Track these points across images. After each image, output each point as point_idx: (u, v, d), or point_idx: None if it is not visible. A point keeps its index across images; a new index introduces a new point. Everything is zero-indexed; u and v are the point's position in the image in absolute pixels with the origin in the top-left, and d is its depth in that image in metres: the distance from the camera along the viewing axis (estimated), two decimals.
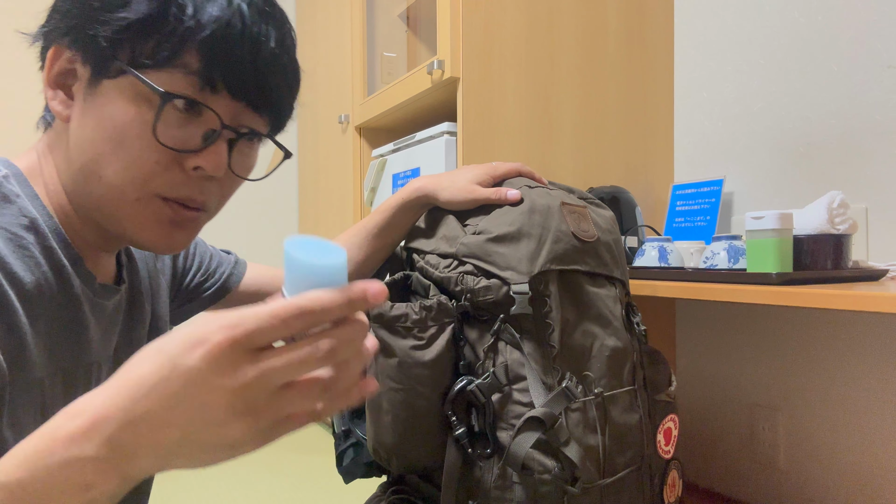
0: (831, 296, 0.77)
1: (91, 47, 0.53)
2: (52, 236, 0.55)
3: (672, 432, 0.87)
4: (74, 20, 0.53)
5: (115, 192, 0.54)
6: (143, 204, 0.55)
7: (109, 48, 0.52)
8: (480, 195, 0.79)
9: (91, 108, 0.53)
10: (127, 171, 0.53)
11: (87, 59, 0.53)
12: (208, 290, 0.84)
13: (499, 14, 1.43)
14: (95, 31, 0.52)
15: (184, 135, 0.54)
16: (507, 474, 0.70)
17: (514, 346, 0.72)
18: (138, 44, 0.52)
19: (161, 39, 0.52)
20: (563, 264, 0.75)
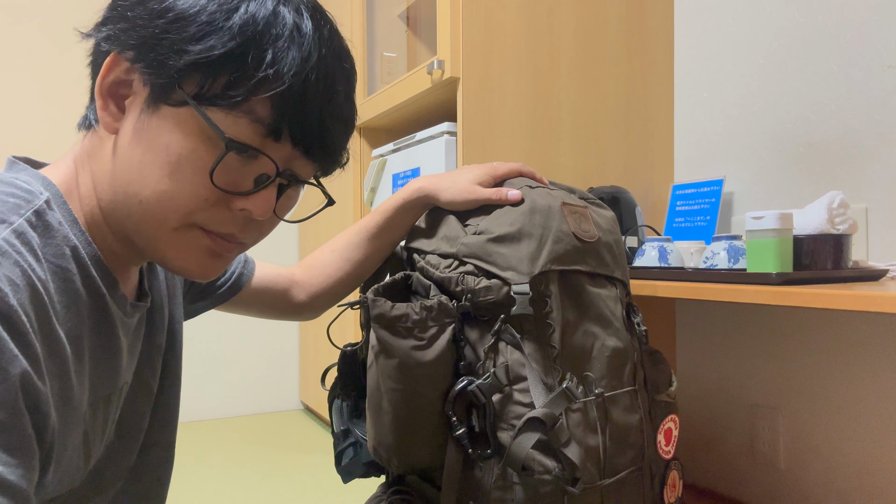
0: (831, 296, 0.77)
1: (158, 70, 0.51)
2: (91, 264, 0.54)
3: (672, 432, 0.87)
4: (145, 37, 0.50)
5: (155, 217, 0.53)
6: (181, 233, 0.54)
7: (178, 77, 0.50)
8: (481, 195, 0.79)
9: (146, 129, 0.52)
10: (172, 200, 0.52)
11: (149, 79, 0.51)
12: (221, 289, 0.84)
13: (499, 14, 1.43)
14: (167, 56, 0.50)
15: (237, 177, 0.53)
16: (508, 475, 0.70)
17: (515, 347, 0.72)
18: (209, 80, 0.51)
19: (234, 83, 0.51)
20: (563, 265, 0.75)
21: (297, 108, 0.53)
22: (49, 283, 0.48)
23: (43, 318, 0.46)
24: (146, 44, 0.51)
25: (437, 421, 0.73)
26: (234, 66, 0.50)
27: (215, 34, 0.50)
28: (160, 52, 0.50)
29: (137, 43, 0.51)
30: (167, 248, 0.55)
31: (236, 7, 0.51)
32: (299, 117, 0.53)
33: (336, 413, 0.91)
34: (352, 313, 2.04)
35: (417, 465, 0.76)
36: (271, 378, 2.89)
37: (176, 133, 0.51)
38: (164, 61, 0.50)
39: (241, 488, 1.97)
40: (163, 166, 0.51)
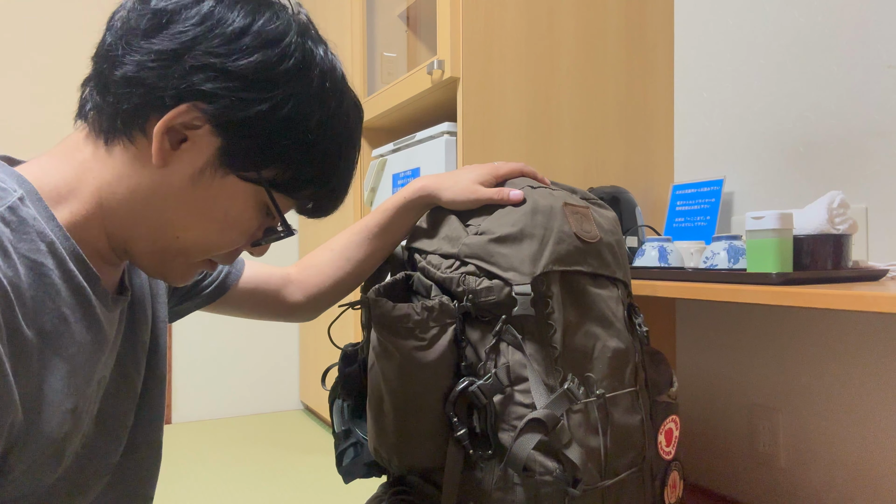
0: (831, 296, 0.78)
1: (240, 150, 0.56)
2: (70, 259, 0.54)
3: (673, 433, 0.87)
4: (239, 120, 0.55)
5: (184, 253, 0.60)
6: (195, 265, 0.62)
7: (260, 165, 0.57)
8: (483, 195, 0.79)
9: (209, 186, 0.57)
10: (209, 247, 0.60)
11: (225, 149, 0.56)
12: (207, 289, 0.83)
13: (499, 14, 1.43)
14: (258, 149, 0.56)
15: (260, 230, 0.63)
16: (509, 476, 0.70)
17: (516, 348, 0.72)
18: (284, 174, 0.59)
19: (302, 183, 0.60)
20: (565, 265, 0.75)
21: (337, 200, 0.64)
22: (20, 279, 0.49)
23: (8, 316, 0.47)
24: (239, 129, 0.55)
25: (437, 421, 0.73)
26: (314, 173, 0.60)
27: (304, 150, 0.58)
28: (253, 142, 0.56)
29: (229, 120, 0.55)
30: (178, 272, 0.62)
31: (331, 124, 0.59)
32: (334, 205, 0.65)
33: (337, 413, 0.91)
34: (352, 313, 2.04)
35: (418, 465, 0.76)
36: (271, 378, 2.89)
37: (238, 202, 0.58)
38: (253, 151, 0.56)
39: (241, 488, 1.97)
40: (216, 223, 0.59)
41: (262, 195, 0.59)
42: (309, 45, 0.58)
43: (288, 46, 0.56)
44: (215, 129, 0.55)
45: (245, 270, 0.88)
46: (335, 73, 0.60)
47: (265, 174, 0.58)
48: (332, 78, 0.59)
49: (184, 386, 2.72)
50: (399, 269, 0.88)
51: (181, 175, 0.56)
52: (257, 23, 0.55)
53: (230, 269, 0.85)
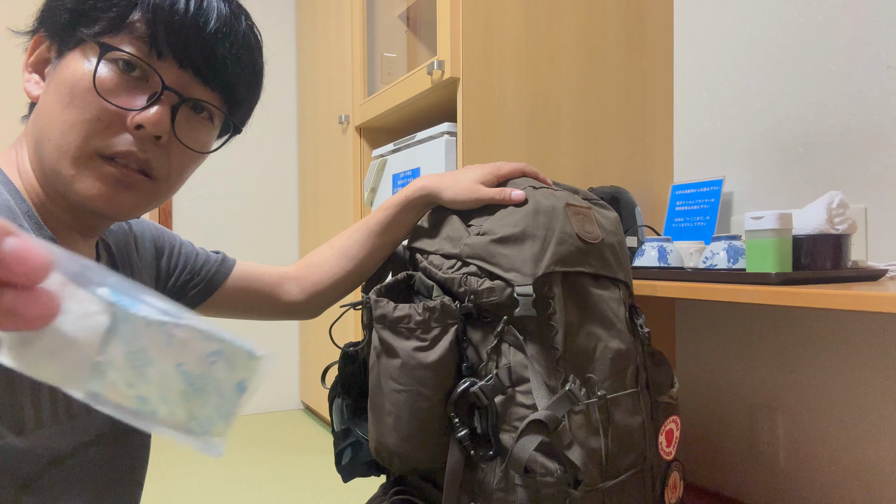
0: (831, 296, 0.78)
1: (57, 27, 0.58)
2: (24, 218, 0.57)
3: (674, 433, 0.87)
4: (44, 11, 0.60)
5: (59, 151, 0.57)
6: (83, 162, 0.57)
7: (70, 21, 0.57)
8: (484, 195, 0.79)
9: (53, 79, 0.58)
10: (72, 129, 0.56)
11: (54, 39, 0.59)
12: (194, 289, 0.83)
13: (499, 14, 1.43)
14: (58, 13, 0.58)
15: (129, 95, 0.57)
16: (510, 477, 0.70)
17: (518, 348, 0.72)
18: (94, 13, 0.57)
19: (112, 4, 0.57)
20: (567, 266, 0.75)
21: (169, 21, 0.57)
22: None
23: None
24: (47, 11, 0.59)
25: (438, 422, 0.73)
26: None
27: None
28: (54, 15, 0.59)
29: (44, 16, 0.60)
30: (75, 181, 0.57)
31: None
32: (173, 31, 0.57)
33: (336, 412, 0.91)
34: (353, 313, 2.04)
35: (419, 465, 0.76)
36: (271, 378, 2.89)
37: (72, 65, 0.57)
38: (58, 15, 0.58)
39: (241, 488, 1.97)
40: (62, 99, 0.56)
41: (91, 48, 0.57)
42: None
43: None
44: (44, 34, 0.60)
45: (235, 269, 0.87)
46: None
47: (82, 25, 0.57)
48: None
49: None
50: (400, 269, 0.88)
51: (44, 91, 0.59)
52: None
53: (218, 269, 0.85)
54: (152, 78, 0.58)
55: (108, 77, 0.56)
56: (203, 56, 0.59)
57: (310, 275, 0.90)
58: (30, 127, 0.60)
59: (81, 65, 0.57)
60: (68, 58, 0.58)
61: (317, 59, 2.54)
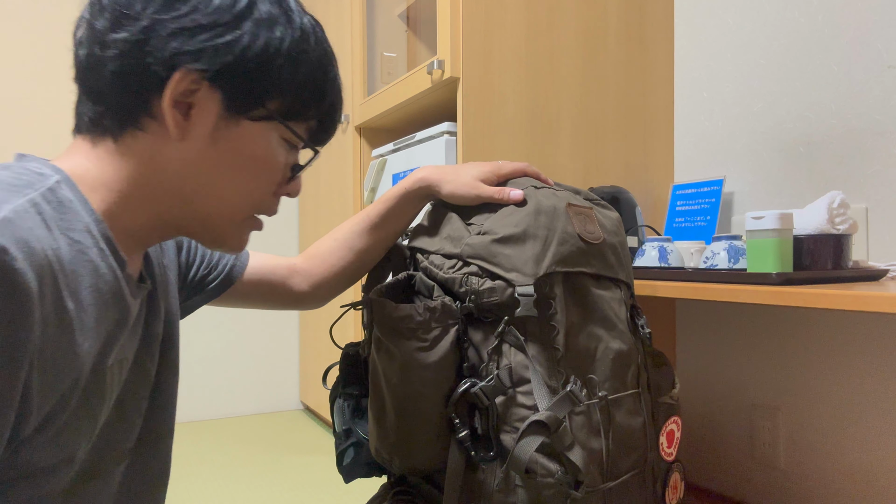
0: (831, 296, 0.78)
1: (242, 93, 0.59)
2: (102, 241, 0.57)
3: (674, 434, 0.87)
4: (229, 64, 0.57)
5: (231, 210, 0.63)
6: (246, 222, 0.65)
7: (259, 93, 0.59)
8: (484, 192, 0.79)
9: (226, 139, 0.60)
10: (251, 196, 0.63)
11: (230, 98, 0.59)
12: (213, 283, 0.84)
13: (499, 14, 1.43)
14: (254, 82, 0.59)
15: (285, 168, 0.65)
16: (511, 477, 0.70)
17: (519, 349, 0.72)
18: (288, 101, 0.62)
19: (308, 103, 0.63)
20: (568, 266, 0.75)
21: (333, 123, 0.68)
22: (62, 252, 0.51)
23: (50, 284, 0.49)
24: (231, 70, 0.58)
25: (439, 423, 0.73)
26: (310, 91, 0.63)
27: (292, 72, 0.61)
28: (247, 81, 0.59)
29: (220, 68, 0.57)
30: (231, 236, 0.65)
31: (306, 41, 0.62)
32: (333, 127, 0.68)
33: (338, 412, 0.91)
34: (353, 313, 2.04)
35: (419, 466, 0.76)
36: (271, 378, 2.89)
37: (261, 143, 0.62)
38: (250, 87, 0.59)
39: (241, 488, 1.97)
40: (248, 170, 0.62)
41: (278, 129, 0.62)
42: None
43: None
44: (211, 83, 0.58)
45: (250, 261, 0.89)
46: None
47: (271, 107, 0.61)
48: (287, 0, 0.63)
49: (184, 386, 2.72)
50: (401, 269, 0.88)
51: (201, 139, 0.59)
52: None
53: (235, 262, 0.86)
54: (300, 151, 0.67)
55: (283, 158, 0.64)
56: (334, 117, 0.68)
57: (315, 266, 0.92)
58: (132, 157, 0.59)
59: (272, 148, 0.62)
60: (252, 130, 0.61)
61: None
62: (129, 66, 0.56)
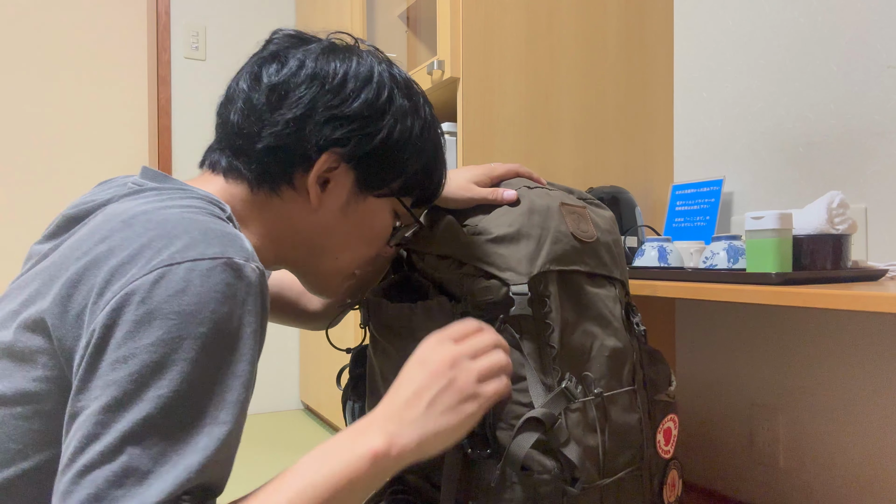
0: (831, 296, 0.78)
1: (371, 173, 0.67)
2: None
3: (672, 432, 0.87)
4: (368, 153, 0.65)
5: (343, 268, 0.71)
6: (348, 278, 0.73)
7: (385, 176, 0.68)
8: (477, 194, 0.79)
9: (354, 211, 0.68)
10: (359, 260, 0.72)
11: (360, 177, 0.67)
12: None
13: (499, 14, 1.43)
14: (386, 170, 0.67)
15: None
16: (507, 474, 0.70)
17: (514, 347, 0.72)
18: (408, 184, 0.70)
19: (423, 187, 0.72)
20: (562, 265, 0.75)
21: (439, 190, 0.76)
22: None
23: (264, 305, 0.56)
24: (369, 158, 0.65)
25: None
26: (424, 177, 0.71)
27: (417, 156, 0.69)
28: (381, 166, 0.67)
29: (361, 154, 0.65)
30: (335, 286, 0.73)
31: (429, 128, 0.70)
32: (437, 194, 0.76)
33: (349, 415, 0.92)
34: (351, 314, 2.04)
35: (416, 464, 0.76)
36: (271, 378, 2.89)
37: (381, 216, 0.70)
38: (381, 170, 0.67)
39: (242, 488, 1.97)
40: (366, 239, 0.70)
41: (394, 203, 0.71)
42: (389, 72, 0.68)
43: (381, 79, 0.66)
44: (349, 164, 0.65)
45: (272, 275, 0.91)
46: (411, 84, 0.70)
47: (395, 187, 0.69)
48: (411, 89, 0.70)
49: None
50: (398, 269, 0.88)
51: (332, 210, 0.67)
52: (351, 68, 0.65)
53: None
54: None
55: (391, 226, 0.72)
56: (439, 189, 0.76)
57: None
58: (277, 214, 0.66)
59: (387, 221, 0.71)
60: (374, 203, 0.69)
61: None
62: (284, 144, 0.63)
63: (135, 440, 0.46)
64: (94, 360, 0.48)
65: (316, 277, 0.72)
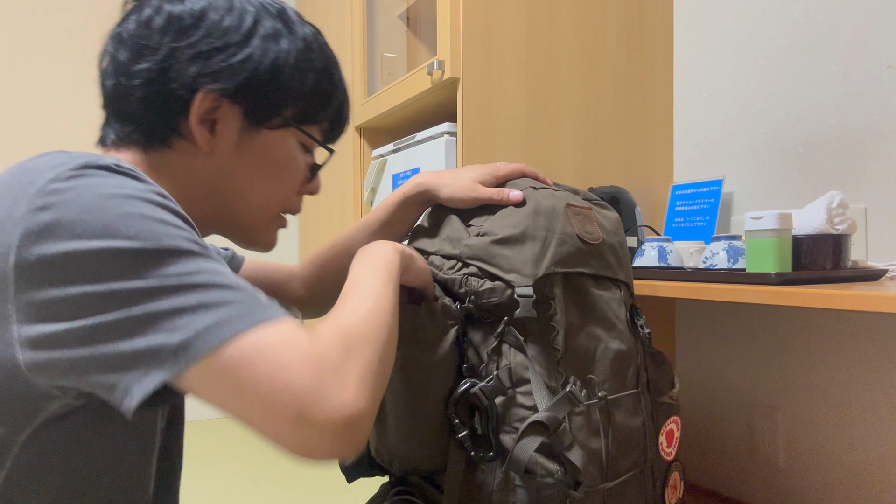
0: (831, 296, 0.78)
1: (259, 106, 0.64)
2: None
3: (674, 434, 0.87)
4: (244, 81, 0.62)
5: (260, 212, 0.69)
6: (274, 220, 0.71)
7: (274, 104, 0.65)
8: (482, 194, 0.79)
9: (250, 148, 0.66)
10: (277, 197, 0.69)
11: (247, 111, 0.64)
12: None
13: (499, 14, 1.43)
14: (268, 96, 0.64)
15: (304, 168, 0.71)
16: (510, 478, 0.70)
17: (518, 349, 0.72)
18: (301, 107, 0.67)
19: (320, 107, 0.69)
20: (567, 267, 0.75)
21: (344, 122, 0.74)
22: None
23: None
24: (246, 86, 0.63)
25: (438, 423, 0.73)
26: (318, 101, 0.68)
27: (300, 79, 0.66)
28: (262, 93, 0.64)
29: (236, 86, 0.62)
30: (261, 233, 0.70)
31: (310, 49, 0.67)
32: (344, 126, 0.75)
33: None
34: None
35: (419, 466, 0.76)
36: None
37: (281, 148, 0.68)
38: (265, 99, 0.64)
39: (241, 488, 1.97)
40: (272, 174, 0.68)
41: (294, 134, 0.68)
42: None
43: (242, 5, 0.64)
44: (230, 99, 0.63)
45: (245, 265, 0.90)
46: (286, 10, 0.67)
47: (286, 115, 0.66)
48: (287, 13, 0.67)
49: None
50: None
51: (227, 151, 0.64)
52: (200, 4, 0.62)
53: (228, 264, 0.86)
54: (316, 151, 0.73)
55: (301, 160, 0.70)
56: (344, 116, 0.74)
57: (313, 273, 0.92)
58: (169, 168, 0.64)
59: (292, 152, 0.69)
60: (272, 137, 0.66)
61: None
62: (155, 92, 0.61)
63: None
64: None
65: (238, 229, 0.69)
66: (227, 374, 0.45)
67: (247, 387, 0.45)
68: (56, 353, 0.46)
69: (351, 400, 0.46)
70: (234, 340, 0.45)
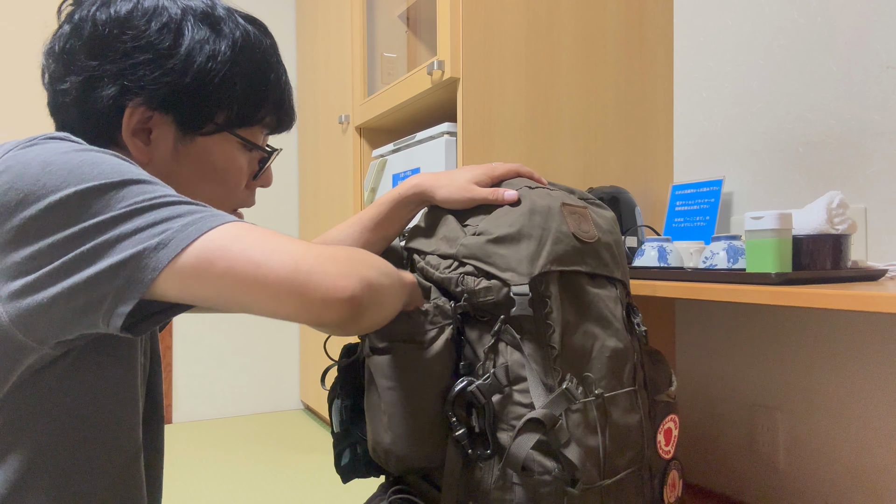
0: (831, 296, 0.78)
1: (187, 113, 0.64)
2: None
3: (672, 432, 0.87)
4: (171, 93, 0.62)
5: None
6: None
7: (207, 111, 0.65)
8: (478, 195, 0.79)
9: (186, 155, 0.65)
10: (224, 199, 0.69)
11: (178, 120, 0.64)
12: None
13: (499, 14, 1.43)
14: (197, 106, 0.64)
15: (249, 165, 0.71)
16: (508, 475, 0.70)
17: (515, 347, 0.73)
18: (232, 111, 0.66)
19: (253, 109, 0.68)
20: (563, 265, 0.75)
21: (288, 118, 0.73)
22: None
23: None
24: (173, 96, 0.63)
25: (436, 421, 0.73)
26: (252, 97, 0.67)
27: (229, 85, 0.65)
28: (191, 103, 0.64)
29: (162, 98, 0.62)
30: None
31: (240, 51, 0.66)
32: (288, 123, 0.74)
33: (336, 413, 0.91)
34: None
35: (416, 465, 0.76)
36: (271, 378, 2.89)
37: (218, 153, 0.67)
38: (195, 107, 0.64)
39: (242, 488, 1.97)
40: (212, 179, 0.68)
41: (231, 138, 0.68)
42: (180, 3, 0.65)
43: (165, 16, 0.63)
44: (160, 109, 0.63)
45: None
46: (215, 10, 0.66)
47: (219, 120, 0.66)
48: (214, 15, 0.66)
49: (184, 386, 2.73)
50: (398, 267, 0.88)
51: (165, 159, 0.65)
52: (135, 8, 0.62)
53: None
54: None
55: (244, 160, 0.70)
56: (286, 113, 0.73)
57: None
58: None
59: (231, 155, 0.68)
60: (205, 142, 0.66)
61: (317, 60, 2.54)
62: (86, 109, 0.62)
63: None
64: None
65: None
66: (210, 262, 0.48)
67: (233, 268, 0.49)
68: (40, 294, 0.49)
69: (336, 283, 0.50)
70: (208, 233, 0.49)
